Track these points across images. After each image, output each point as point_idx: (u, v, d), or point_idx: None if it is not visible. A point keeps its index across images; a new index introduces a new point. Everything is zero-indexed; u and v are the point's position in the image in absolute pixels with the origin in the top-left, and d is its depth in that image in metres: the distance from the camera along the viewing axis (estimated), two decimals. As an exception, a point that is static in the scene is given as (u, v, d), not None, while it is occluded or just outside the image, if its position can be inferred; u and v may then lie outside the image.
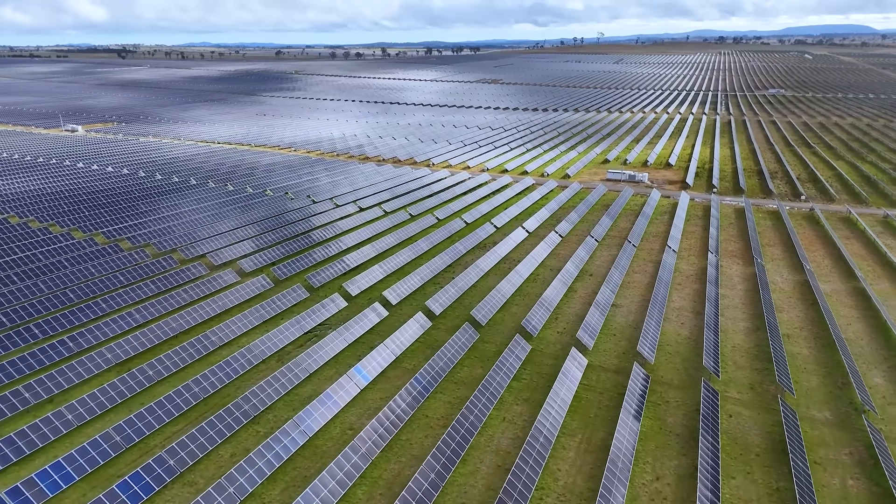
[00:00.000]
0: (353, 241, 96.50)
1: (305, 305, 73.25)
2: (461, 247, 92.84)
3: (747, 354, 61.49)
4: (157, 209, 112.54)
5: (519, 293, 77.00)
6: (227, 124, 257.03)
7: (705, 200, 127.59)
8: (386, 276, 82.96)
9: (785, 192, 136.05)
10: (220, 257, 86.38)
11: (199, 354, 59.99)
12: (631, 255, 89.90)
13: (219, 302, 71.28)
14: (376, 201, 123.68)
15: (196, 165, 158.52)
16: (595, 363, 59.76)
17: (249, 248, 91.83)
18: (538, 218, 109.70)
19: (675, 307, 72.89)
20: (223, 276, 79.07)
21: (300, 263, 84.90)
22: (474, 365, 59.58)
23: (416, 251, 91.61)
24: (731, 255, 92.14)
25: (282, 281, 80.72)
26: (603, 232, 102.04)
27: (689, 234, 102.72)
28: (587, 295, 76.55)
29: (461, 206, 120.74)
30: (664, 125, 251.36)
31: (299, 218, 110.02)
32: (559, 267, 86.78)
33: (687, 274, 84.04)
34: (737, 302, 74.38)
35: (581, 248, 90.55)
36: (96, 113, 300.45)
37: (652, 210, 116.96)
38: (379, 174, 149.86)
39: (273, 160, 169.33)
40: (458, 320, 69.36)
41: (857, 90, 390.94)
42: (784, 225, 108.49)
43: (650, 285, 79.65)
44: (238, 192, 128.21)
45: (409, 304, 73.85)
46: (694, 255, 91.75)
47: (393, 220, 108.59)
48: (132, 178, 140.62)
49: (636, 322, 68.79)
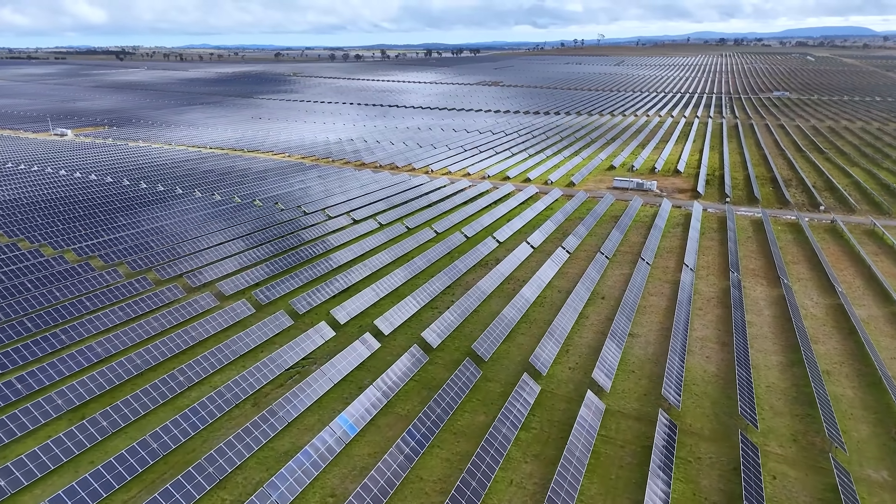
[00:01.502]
0: (344, 259, 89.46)
1: (289, 335, 66.17)
2: (461, 265, 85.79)
3: (784, 396, 54.45)
4: (137, 222, 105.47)
5: (525, 320, 69.95)
6: (221, 128, 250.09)
7: (719, 211, 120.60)
8: (379, 300, 75.88)
9: (802, 201, 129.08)
10: (198, 278, 79.29)
11: (163, 398, 52.89)
12: (645, 275, 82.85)
13: (192, 332, 64.21)
14: (371, 212, 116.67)
15: (184, 172, 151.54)
16: (613, 407, 52.70)
17: (231, 267, 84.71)
18: (543, 231, 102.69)
19: (699, 336, 65.85)
20: (200, 301, 71.99)
21: (285, 286, 77.80)
22: (476, 410, 52.54)
23: (413, 270, 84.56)
24: (754, 274, 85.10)
25: (264, 306, 73.59)
26: (613, 247, 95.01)
27: (706, 250, 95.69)
28: (600, 322, 69.48)
29: (461, 217, 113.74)
30: (669, 129, 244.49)
31: (288, 232, 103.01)
32: (568, 288, 79.72)
33: (707, 296, 76.99)
34: (766, 331, 67.36)
35: (591, 266, 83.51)
36: (88, 116, 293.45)
37: (664, 222, 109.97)
38: (375, 182, 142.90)
39: (265, 166, 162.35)
40: (457, 353, 62.32)
41: (863, 93, 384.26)
42: (806, 239, 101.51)
43: (669, 310, 72.59)
44: (225, 202, 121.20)
45: (404, 333, 66.79)
46: (713, 274, 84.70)
47: (388, 234, 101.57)
48: (115, 187, 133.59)
49: (656, 355, 61.75)
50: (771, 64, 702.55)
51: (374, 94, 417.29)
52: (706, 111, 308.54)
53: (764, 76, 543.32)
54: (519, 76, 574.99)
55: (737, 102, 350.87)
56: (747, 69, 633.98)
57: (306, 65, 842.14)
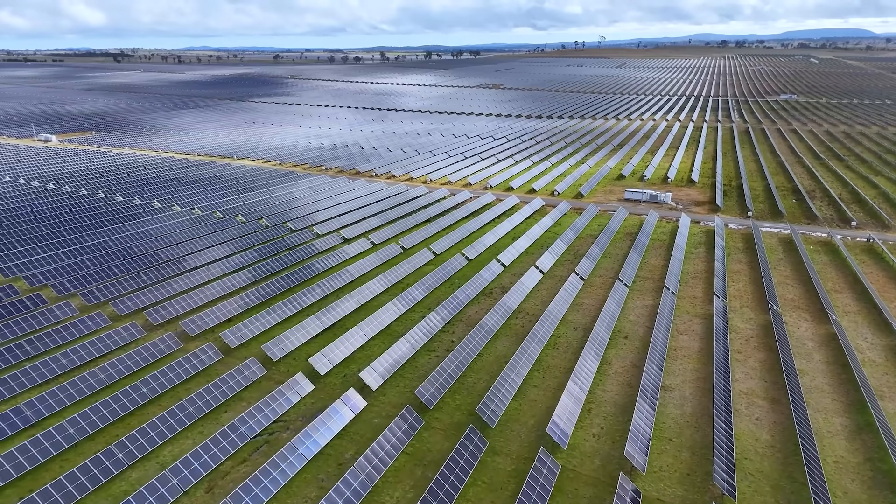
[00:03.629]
0: (331, 287, 79.49)
1: (260, 389, 56.23)
2: (462, 295, 75.87)
3: (859, 476, 44.55)
4: (105, 242, 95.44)
5: (538, 367, 60.02)
6: (212, 133, 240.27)
7: (743, 227, 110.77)
8: (368, 341, 65.92)
9: (830, 216, 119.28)
10: (161, 314, 69.22)
11: (95, 483, 42.86)
12: (672, 307, 72.95)
13: (144, 388, 54.22)
14: (364, 229, 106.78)
15: (166, 183, 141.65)
16: (652, 495, 42.77)
17: (199, 300, 74.60)
18: (553, 253, 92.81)
19: (743, 390, 55.95)
20: (160, 344, 61.98)
21: (260, 323, 67.84)
22: (483, 498, 42.59)
23: (408, 302, 74.60)
24: (793, 305, 75.19)
25: (234, 350, 63.53)
26: (633, 273, 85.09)
27: (736, 276, 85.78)
28: (625, 370, 59.54)
29: (462, 235, 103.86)
30: (678, 134, 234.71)
31: (269, 254, 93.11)
32: (585, 325, 69.78)
33: (745, 335, 67.09)
34: (820, 381, 57.48)
35: (610, 297, 73.61)
36: (76, 120, 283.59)
37: (685, 241, 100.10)
38: (370, 194, 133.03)
39: (254, 176, 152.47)
40: (458, 414, 52.38)
41: (872, 96, 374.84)
42: (843, 261, 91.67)
43: (704, 354, 62.68)
44: (205, 217, 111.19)
45: (395, 386, 56.85)
46: (748, 306, 74.78)
47: (381, 257, 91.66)
48: (88, 201, 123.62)
49: (696, 416, 51.83)
50: (774, 66, 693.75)
51: (373, 97, 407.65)
52: (714, 115, 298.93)
53: (768, 78, 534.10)
54: (520, 78, 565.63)
55: (744, 106, 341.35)
56: (751, 71, 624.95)
57: (304, 67, 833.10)
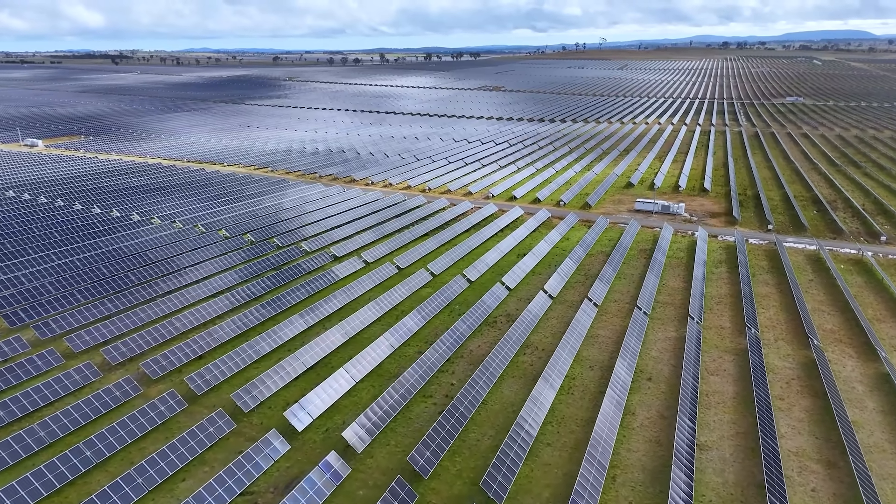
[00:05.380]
0: (317, 316, 71.46)
1: (226, 448, 48.18)
2: (464, 326, 67.91)
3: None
4: (72, 262, 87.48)
5: (551, 419, 52.03)
6: (204, 137, 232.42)
7: (765, 242, 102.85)
8: (356, 384, 57.93)
9: (856, 229, 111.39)
10: (121, 352, 61.25)
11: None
12: (698, 341, 65.02)
13: (88, 450, 46.24)
14: (357, 246, 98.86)
15: (150, 192, 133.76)
16: None
17: (165, 334, 66.71)
18: (562, 274, 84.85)
19: (792, 450, 47.96)
20: (115, 391, 53.95)
21: (232, 363, 59.69)
22: None
23: (403, 334, 66.63)
24: (834, 338, 67.23)
25: (199, 397, 55.50)
26: (651, 298, 77.12)
27: (764, 300, 77.82)
28: (652, 423, 51.53)
29: (463, 252, 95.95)
30: (686, 139, 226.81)
31: (251, 275, 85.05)
32: (603, 363, 61.80)
33: (785, 376, 59.11)
34: (879, 437, 49.49)
35: (629, 329, 65.64)
36: (66, 123, 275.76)
37: (704, 259, 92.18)
38: (365, 205, 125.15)
39: (243, 184, 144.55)
40: (459, 484, 44.36)
41: (880, 98, 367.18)
42: (880, 283, 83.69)
43: (740, 400, 54.67)
44: (186, 231, 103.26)
45: (384, 446, 48.79)
46: (783, 339, 66.81)
47: (375, 278, 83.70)
48: (62, 214, 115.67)
49: (741, 487, 43.79)
50: (777, 68, 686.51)
51: (371, 100, 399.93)
52: (720, 118, 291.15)
53: (773, 80, 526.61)
54: (521, 81, 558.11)
55: (750, 108, 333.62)
56: (754, 73, 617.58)
57: (303, 69, 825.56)
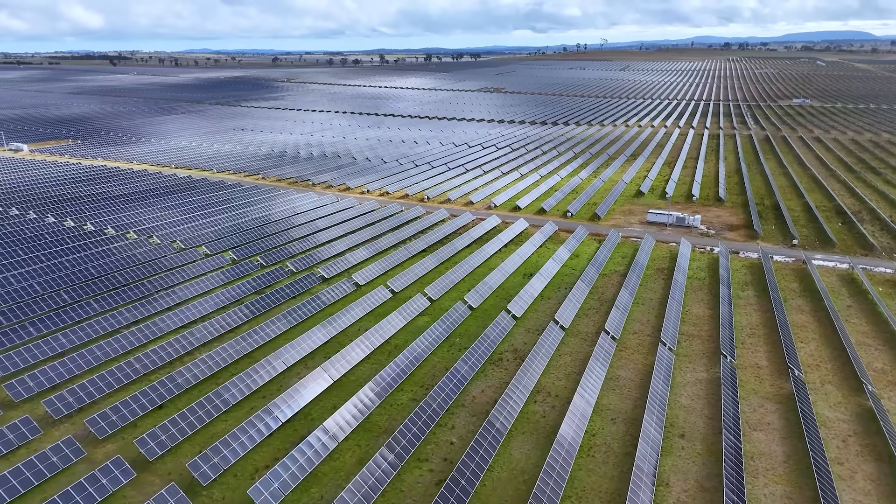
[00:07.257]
0: (298, 355, 63.32)
1: (183, 530, 40.14)
2: (465, 366, 59.79)
3: None
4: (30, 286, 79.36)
5: (570, 492, 43.87)
6: (196, 141, 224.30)
7: (791, 260, 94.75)
8: (339, 445, 49.75)
9: (888, 244, 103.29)
10: (66, 402, 53.15)
11: None
12: (734, 385, 56.86)
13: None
14: (348, 265, 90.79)
15: (131, 203, 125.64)
16: None
17: (112, 381, 58.58)
18: (574, 299, 76.69)
19: (862, 535, 39.92)
20: (53, 455, 45.79)
21: (193, 417, 51.53)
22: None
23: (397, 376, 58.47)
24: (888, 381, 59.02)
25: (153, 463, 47.23)
26: (675, 329, 68.97)
27: (802, 333, 69.65)
28: (691, 497, 43.23)
29: (464, 272, 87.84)
30: (694, 143, 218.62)
31: (231, 300, 76.91)
32: (627, 413, 53.62)
33: (840, 431, 50.93)
34: (965, 516, 41.40)
35: (655, 371, 57.52)
36: (55, 126, 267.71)
37: (728, 280, 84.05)
38: (360, 216, 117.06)
39: (231, 192, 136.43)
40: (463, 581, 36.31)
41: (889, 100, 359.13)
42: (927, 310, 75.62)
43: (792, 465, 46.50)
44: (162, 248, 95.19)
45: (374, 525, 40.78)
46: (831, 383, 58.63)
47: (366, 306, 75.52)
48: (32, 227, 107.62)
49: (806, 587, 35.75)
50: (780, 69, 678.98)
51: (370, 102, 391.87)
52: (727, 121, 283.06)
53: (777, 82, 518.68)
54: (522, 82, 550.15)
55: (757, 111, 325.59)
56: (757, 74, 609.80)
57: (302, 70, 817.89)
